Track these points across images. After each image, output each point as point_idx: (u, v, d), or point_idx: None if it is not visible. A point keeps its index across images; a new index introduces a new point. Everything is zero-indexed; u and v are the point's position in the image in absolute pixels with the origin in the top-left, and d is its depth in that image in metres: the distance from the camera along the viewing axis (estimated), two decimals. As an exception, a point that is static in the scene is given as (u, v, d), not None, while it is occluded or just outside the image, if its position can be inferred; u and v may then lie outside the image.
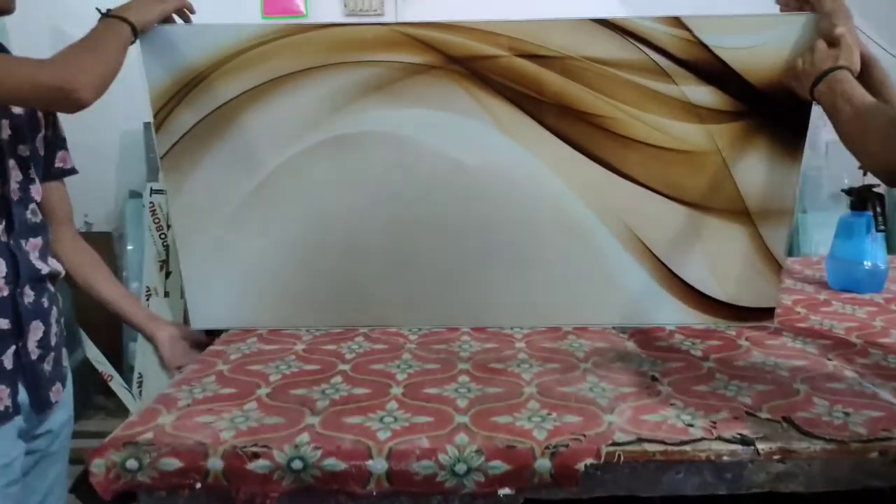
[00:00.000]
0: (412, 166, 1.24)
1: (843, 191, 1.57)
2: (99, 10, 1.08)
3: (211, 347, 1.25)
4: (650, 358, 1.15)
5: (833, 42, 1.07)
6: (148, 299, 2.74)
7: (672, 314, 1.32)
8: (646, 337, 1.26)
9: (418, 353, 1.19)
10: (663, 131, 1.21)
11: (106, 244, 3.02)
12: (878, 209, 1.44)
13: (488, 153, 1.23)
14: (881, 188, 1.32)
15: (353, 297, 1.33)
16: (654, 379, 1.05)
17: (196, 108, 1.21)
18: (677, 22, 1.16)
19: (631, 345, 1.22)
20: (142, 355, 2.72)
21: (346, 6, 3.10)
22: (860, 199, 1.50)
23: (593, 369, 1.10)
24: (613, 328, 1.32)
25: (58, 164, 1.21)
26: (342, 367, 1.13)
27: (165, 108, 1.20)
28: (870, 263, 1.49)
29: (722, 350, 1.18)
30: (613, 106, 1.20)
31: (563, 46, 1.17)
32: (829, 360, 1.11)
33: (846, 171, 2.51)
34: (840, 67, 1.02)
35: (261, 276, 1.32)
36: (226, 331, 1.33)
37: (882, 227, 1.43)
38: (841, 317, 1.36)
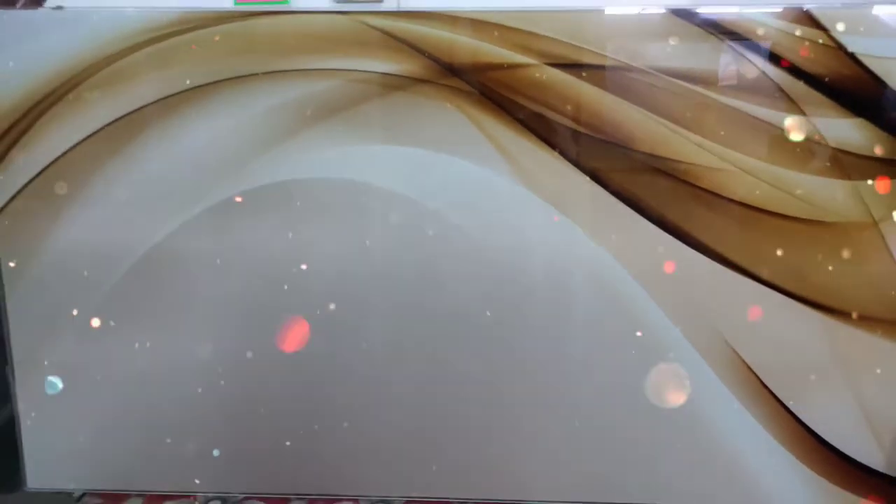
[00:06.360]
0: (383, 236, 0.78)
1: None
2: None
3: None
4: None
5: None
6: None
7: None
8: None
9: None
10: (786, 190, 0.75)
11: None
12: None
13: (505, 218, 0.78)
14: None
15: (286, 448, 0.82)
16: None
17: (44, 145, 0.77)
18: (805, 16, 0.73)
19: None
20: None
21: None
22: None
23: None
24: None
25: None
26: None
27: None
28: None
29: None
30: (706, 149, 0.75)
31: (625, 51, 0.74)
32: None
33: None
34: None
35: (137, 414, 0.83)
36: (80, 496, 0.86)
37: None
38: None
